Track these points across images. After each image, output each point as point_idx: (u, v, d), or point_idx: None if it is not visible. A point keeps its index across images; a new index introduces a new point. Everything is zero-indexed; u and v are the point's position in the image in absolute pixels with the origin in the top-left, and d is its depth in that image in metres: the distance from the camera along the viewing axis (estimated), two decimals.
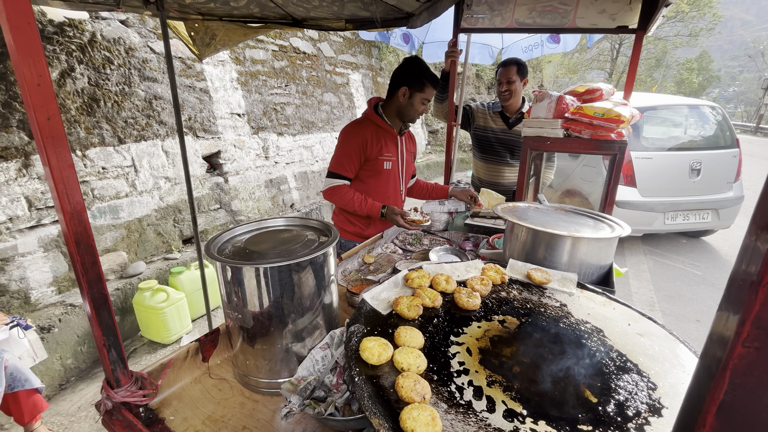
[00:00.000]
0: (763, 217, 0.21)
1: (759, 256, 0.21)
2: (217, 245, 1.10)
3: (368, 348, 0.72)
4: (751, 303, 0.21)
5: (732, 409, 0.23)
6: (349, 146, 1.91)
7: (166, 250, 3.48)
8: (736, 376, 0.22)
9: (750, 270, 0.21)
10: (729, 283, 0.23)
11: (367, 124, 1.95)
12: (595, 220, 1.39)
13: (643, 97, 5.15)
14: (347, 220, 2.15)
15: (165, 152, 3.49)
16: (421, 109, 1.92)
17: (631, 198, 4.34)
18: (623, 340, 0.83)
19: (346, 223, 2.15)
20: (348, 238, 2.16)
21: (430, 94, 1.89)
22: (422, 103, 1.90)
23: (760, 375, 0.22)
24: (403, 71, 1.89)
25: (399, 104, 1.92)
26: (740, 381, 0.22)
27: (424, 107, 1.92)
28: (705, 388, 0.24)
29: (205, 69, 3.98)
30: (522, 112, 2.61)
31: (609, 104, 1.73)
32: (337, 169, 1.93)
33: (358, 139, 1.91)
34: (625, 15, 2.05)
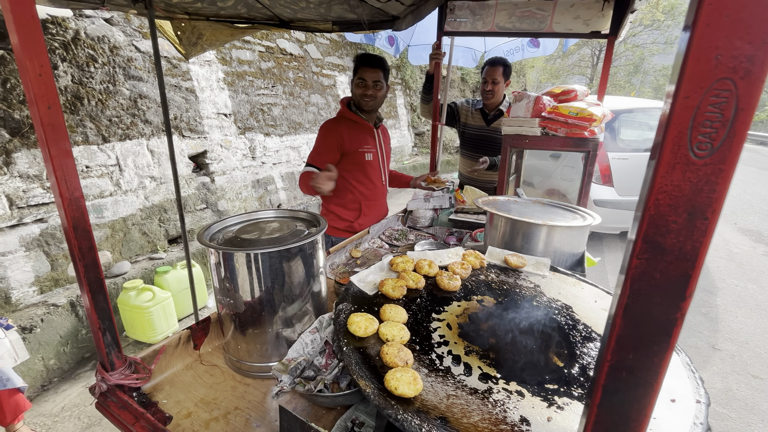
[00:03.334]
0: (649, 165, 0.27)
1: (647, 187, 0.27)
2: (209, 234, 1.14)
3: (355, 322, 0.77)
4: (641, 224, 0.28)
5: (633, 309, 0.29)
6: (326, 141, 2.01)
7: (151, 249, 3.45)
8: (634, 282, 0.29)
9: (641, 200, 0.28)
10: (633, 217, 0.29)
11: (343, 121, 2.05)
12: (569, 211, 1.48)
13: (620, 100, 5.36)
14: (337, 216, 2.20)
15: (150, 151, 3.47)
16: (359, 91, 1.99)
17: (608, 197, 4.51)
18: (589, 315, 0.90)
19: (336, 219, 2.20)
20: (337, 235, 2.21)
21: (363, 73, 1.96)
22: (357, 85, 1.98)
23: (650, 279, 0.28)
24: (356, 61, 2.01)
25: (354, 94, 2.03)
26: (637, 286, 0.29)
27: (362, 89, 1.98)
28: (615, 298, 0.30)
29: (191, 69, 3.97)
30: (501, 109, 2.72)
31: (583, 104, 1.84)
32: (311, 160, 2.00)
33: (335, 134, 2.00)
34: (598, 21, 2.17)
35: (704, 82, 0.23)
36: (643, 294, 0.29)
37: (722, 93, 0.23)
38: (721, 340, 3.01)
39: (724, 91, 0.23)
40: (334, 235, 2.22)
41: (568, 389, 0.68)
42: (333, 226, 2.20)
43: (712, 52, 0.23)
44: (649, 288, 0.28)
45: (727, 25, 0.22)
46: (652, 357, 0.29)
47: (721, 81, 0.23)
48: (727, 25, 0.22)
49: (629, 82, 28.91)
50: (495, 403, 0.63)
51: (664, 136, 0.25)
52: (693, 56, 0.23)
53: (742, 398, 2.41)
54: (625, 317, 0.30)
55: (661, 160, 0.26)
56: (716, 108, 0.24)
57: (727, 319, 3.30)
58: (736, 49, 0.22)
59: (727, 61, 0.23)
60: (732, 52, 0.22)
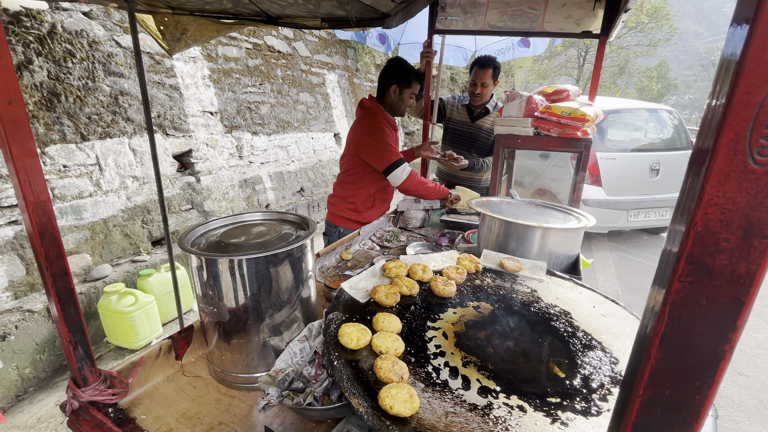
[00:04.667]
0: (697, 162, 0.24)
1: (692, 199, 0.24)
2: (191, 239, 1.08)
3: (347, 333, 0.73)
4: (685, 241, 0.24)
5: (671, 339, 0.26)
6: (385, 136, 2.06)
7: (133, 252, 3.34)
8: (674, 309, 0.25)
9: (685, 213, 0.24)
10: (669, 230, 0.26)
11: (380, 119, 2.10)
12: (563, 212, 1.46)
13: (607, 101, 5.41)
14: (351, 208, 2.24)
15: (132, 150, 3.35)
16: (409, 102, 2.15)
17: (597, 196, 4.55)
18: (589, 321, 0.88)
19: (349, 211, 2.24)
20: (349, 226, 2.24)
21: (416, 88, 2.12)
22: (410, 96, 2.13)
23: (693, 306, 0.25)
24: (391, 71, 2.11)
25: (391, 101, 2.13)
26: (677, 313, 0.25)
27: (412, 101, 2.15)
28: (649, 325, 0.27)
29: (175, 65, 3.86)
30: (487, 107, 2.72)
31: (575, 104, 1.82)
32: (393, 157, 2.03)
33: (386, 129, 2.08)
34: (589, 20, 2.16)
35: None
36: (685, 322, 0.25)
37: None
38: None
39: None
40: (344, 226, 2.26)
41: (570, 403, 0.64)
42: (345, 218, 2.26)
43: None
44: (693, 316, 0.25)
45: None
46: (693, 394, 0.26)
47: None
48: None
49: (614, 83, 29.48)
50: (496, 420, 0.59)
51: (717, 139, 0.22)
52: (757, 43, 0.19)
53: (729, 396, 2.45)
54: (661, 348, 0.26)
55: (712, 168, 0.22)
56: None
57: None
58: None
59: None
60: None
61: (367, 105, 2.15)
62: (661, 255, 0.28)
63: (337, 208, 2.30)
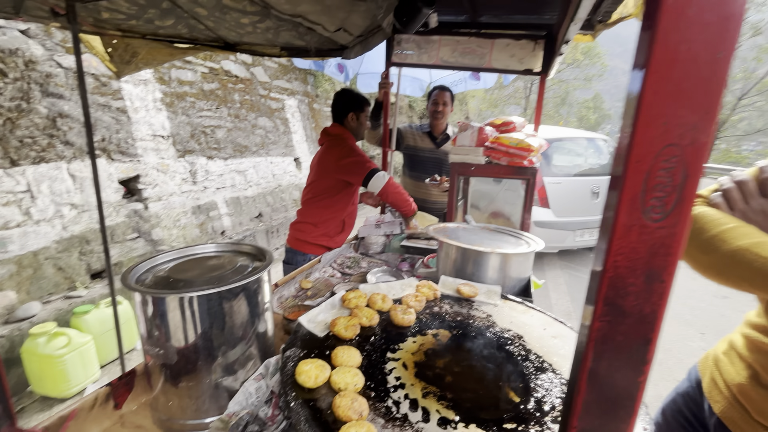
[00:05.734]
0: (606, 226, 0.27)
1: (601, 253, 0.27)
2: (135, 275, 1.01)
3: (304, 371, 0.71)
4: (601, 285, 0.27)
5: (597, 373, 0.29)
6: (359, 150, 2.22)
7: (68, 287, 3.04)
8: (597, 345, 0.28)
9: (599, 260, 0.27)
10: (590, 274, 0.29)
11: (351, 142, 2.26)
12: (515, 237, 1.54)
13: (551, 130, 5.88)
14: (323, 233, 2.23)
15: (71, 176, 3.11)
16: (366, 125, 2.36)
17: (546, 218, 4.85)
18: (540, 343, 0.92)
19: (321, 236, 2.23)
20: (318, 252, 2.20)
21: (368, 111, 2.35)
22: (367, 118, 2.35)
23: (612, 343, 0.28)
24: (344, 102, 2.27)
25: (351, 127, 2.29)
26: (600, 349, 0.28)
27: (368, 122, 2.38)
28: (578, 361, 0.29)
29: (123, 87, 3.69)
30: (447, 134, 2.92)
31: (521, 135, 1.97)
32: (372, 166, 2.15)
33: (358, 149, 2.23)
34: (530, 60, 2.38)
35: (654, 147, 0.24)
36: (606, 357, 0.28)
37: (671, 159, 0.24)
38: None
39: (673, 157, 0.24)
40: (313, 252, 2.23)
41: (525, 427, 0.67)
42: (318, 244, 2.24)
43: (660, 119, 0.23)
44: (612, 352, 0.28)
45: (672, 94, 0.23)
46: (618, 422, 0.29)
47: (670, 147, 0.24)
48: (673, 94, 0.23)
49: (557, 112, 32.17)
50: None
51: (620, 198, 0.25)
52: (642, 121, 0.23)
53: None
54: (590, 382, 0.29)
55: (617, 222, 0.26)
56: (666, 173, 0.24)
57: None
58: (681, 117, 0.23)
59: (674, 129, 0.23)
60: (678, 120, 0.23)
61: (335, 132, 2.25)
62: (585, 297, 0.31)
63: (306, 234, 2.27)
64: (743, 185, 0.79)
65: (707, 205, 0.84)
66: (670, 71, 0.22)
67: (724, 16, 0.21)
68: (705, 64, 0.22)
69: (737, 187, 0.79)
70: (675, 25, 0.21)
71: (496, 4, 2.19)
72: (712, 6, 0.20)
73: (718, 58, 0.21)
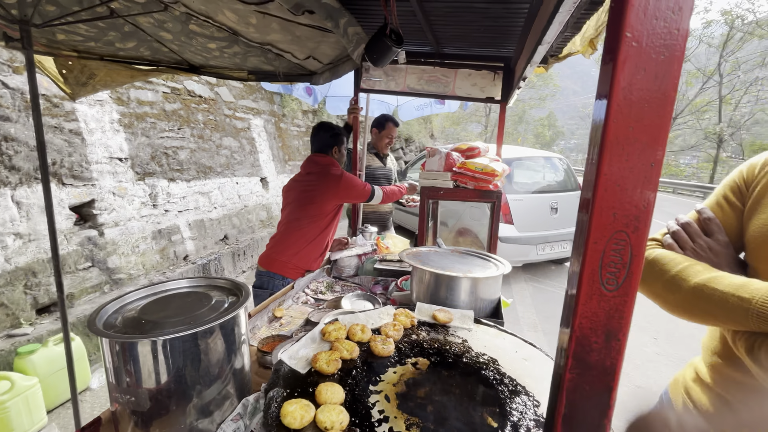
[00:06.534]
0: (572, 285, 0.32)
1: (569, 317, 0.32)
2: (102, 318, 0.96)
3: (290, 412, 0.71)
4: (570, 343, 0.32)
5: (570, 418, 0.33)
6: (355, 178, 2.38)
7: (11, 324, 2.78)
8: (569, 394, 0.33)
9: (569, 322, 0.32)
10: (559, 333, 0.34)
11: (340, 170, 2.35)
12: (483, 259, 1.62)
13: (511, 149, 6.20)
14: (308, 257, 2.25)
15: (16, 203, 2.89)
16: (344, 154, 2.48)
17: (510, 234, 5.07)
18: (513, 366, 0.97)
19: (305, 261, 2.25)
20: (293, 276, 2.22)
21: (345, 143, 2.49)
22: (345, 149, 2.49)
23: (582, 392, 0.33)
24: (327, 137, 2.37)
25: (335, 158, 2.41)
26: (572, 398, 0.33)
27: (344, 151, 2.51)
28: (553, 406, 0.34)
29: (77, 108, 3.51)
30: (387, 153, 3.44)
31: (486, 160, 2.08)
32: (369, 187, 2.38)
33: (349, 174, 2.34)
34: (491, 89, 2.54)
35: (607, 232, 0.29)
36: (578, 404, 0.32)
37: (620, 242, 0.29)
38: None
39: (621, 240, 0.29)
40: (290, 276, 2.24)
41: None
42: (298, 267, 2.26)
43: (610, 210, 0.29)
44: (582, 399, 0.32)
45: (618, 192, 0.28)
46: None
47: (619, 233, 0.29)
48: (618, 192, 0.28)
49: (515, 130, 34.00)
50: None
51: (581, 270, 0.30)
52: (597, 211, 0.29)
53: (631, 409, 2.78)
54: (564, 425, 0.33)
55: (581, 291, 0.31)
56: (617, 253, 0.29)
57: None
58: (626, 209, 0.28)
59: (621, 218, 0.29)
60: (624, 211, 0.29)
61: (326, 162, 2.33)
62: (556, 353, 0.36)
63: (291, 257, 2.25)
64: (688, 227, 0.88)
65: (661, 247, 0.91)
66: (615, 175, 0.28)
67: (654, 136, 0.27)
68: (641, 170, 0.28)
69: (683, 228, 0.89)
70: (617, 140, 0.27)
71: (457, 38, 2.34)
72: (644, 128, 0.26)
73: (651, 167, 0.27)
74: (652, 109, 0.26)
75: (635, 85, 0.26)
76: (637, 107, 0.26)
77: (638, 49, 0.26)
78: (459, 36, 2.30)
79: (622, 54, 0.26)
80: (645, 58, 0.26)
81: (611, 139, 0.27)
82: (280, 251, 2.25)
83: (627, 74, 0.26)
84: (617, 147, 0.27)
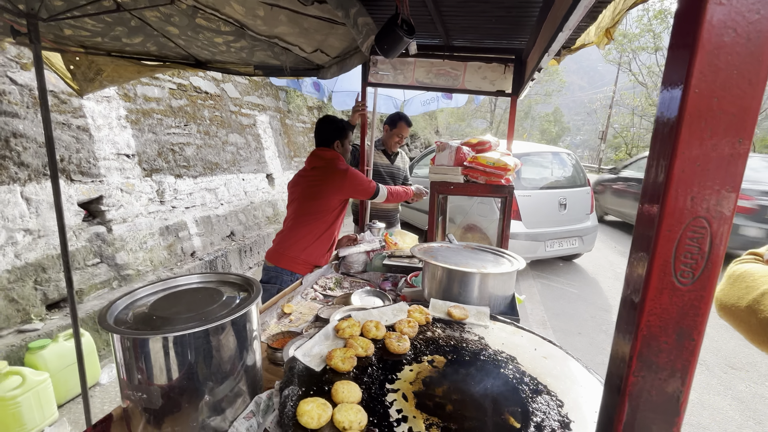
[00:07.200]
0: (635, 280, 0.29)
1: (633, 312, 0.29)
2: (113, 313, 0.95)
3: (306, 412, 0.69)
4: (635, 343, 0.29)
5: (632, 426, 0.30)
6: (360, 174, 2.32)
7: (21, 320, 2.79)
8: (632, 399, 0.30)
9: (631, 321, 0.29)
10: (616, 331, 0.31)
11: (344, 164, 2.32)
12: (496, 255, 1.58)
13: (519, 145, 6.13)
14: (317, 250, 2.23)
15: (26, 199, 2.90)
16: (349, 149, 2.45)
17: (518, 230, 5.01)
18: (533, 364, 0.94)
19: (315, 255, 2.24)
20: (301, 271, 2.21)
21: (351, 137, 2.42)
22: (350, 144, 2.44)
23: (647, 397, 0.30)
24: (329, 132, 2.33)
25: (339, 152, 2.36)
26: (635, 403, 0.30)
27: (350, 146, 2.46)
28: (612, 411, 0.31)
29: (84, 105, 3.51)
30: (396, 151, 3.37)
31: (497, 154, 2.04)
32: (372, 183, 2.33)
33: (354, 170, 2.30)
34: (502, 82, 2.49)
35: (683, 218, 0.26)
36: (641, 411, 0.30)
37: (698, 230, 0.26)
38: None
39: (700, 228, 0.26)
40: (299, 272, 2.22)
41: None
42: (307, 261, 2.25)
43: (687, 194, 0.26)
44: (647, 405, 0.29)
45: (698, 173, 0.25)
46: None
47: (697, 219, 0.26)
48: (699, 173, 0.25)
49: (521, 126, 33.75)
50: None
51: (651, 262, 0.27)
52: (672, 194, 0.26)
53: None
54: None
55: (649, 285, 0.28)
56: (694, 242, 0.26)
57: None
58: (707, 193, 0.25)
59: (700, 203, 0.26)
60: (704, 195, 0.25)
61: (330, 156, 2.29)
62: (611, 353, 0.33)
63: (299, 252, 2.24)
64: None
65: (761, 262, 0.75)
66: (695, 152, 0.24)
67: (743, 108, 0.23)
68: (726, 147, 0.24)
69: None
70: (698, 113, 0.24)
71: (467, 30, 2.29)
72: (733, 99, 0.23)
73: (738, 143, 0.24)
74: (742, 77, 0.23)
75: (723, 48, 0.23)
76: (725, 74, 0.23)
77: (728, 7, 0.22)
78: (470, 27, 2.25)
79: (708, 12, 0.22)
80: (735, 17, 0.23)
81: (692, 112, 0.23)
82: (288, 246, 2.23)
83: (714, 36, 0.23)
84: (699, 121, 0.24)
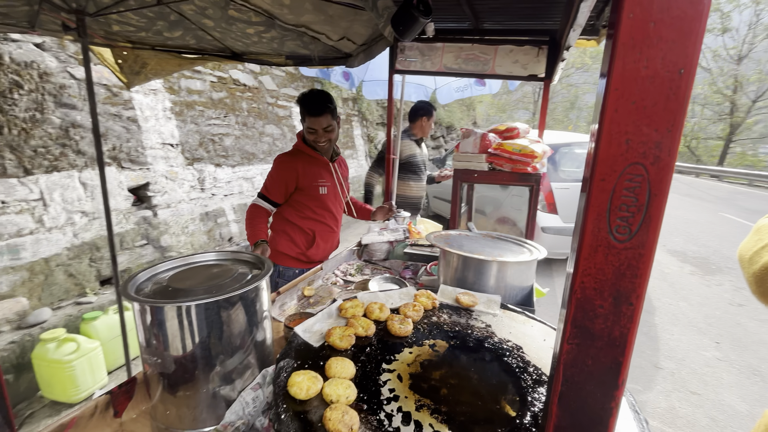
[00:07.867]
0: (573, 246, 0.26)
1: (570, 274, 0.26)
2: (135, 284, 1.02)
3: (296, 383, 0.71)
4: (569, 307, 0.26)
5: (567, 398, 0.28)
6: (280, 175, 2.01)
7: (78, 293, 3.09)
8: (567, 369, 0.27)
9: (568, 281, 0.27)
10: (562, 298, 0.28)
11: (299, 155, 2.05)
12: (517, 245, 1.52)
13: (558, 135, 5.82)
14: (290, 241, 2.13)
15: (83, 184, 3.18)
16: (311, 137, 1.96)
17: (554, 224, 4.79)
18: (539, 355, 0.90)
19: (288, 245, 2.13)
20: (288, 264, 2.15)
21: (311, 123, 1.91)
22: (309, 132, 1.95)
23: (582, 366, 0.27)
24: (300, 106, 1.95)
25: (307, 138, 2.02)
26: (570, 373, 0.27)
27: (314, 136, 1.96)
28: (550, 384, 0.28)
29: (134, 97, 3.77)
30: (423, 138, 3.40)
31: (525, 141, 1.95)
32: (264, 191, 2.05)
33: (289, 169, 2.00)
34: (534, 66, 2.36)
35: (618, 166, 0.23)
36: (577, 381, 0.27)
37: (635, 177, 0.23)
38: (661, 359, 3.19)
39: (637, 176, 0.23)
40: (283, 264, 2.16)
41: None
42: (283, 253, 2.15)
43: (622, 137, 0.22)
44: (582, 375, 0.27)
45: (633, 112, 0.22)
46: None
47: (633, 165, 0.23)
48: (634, 112, 0.22)
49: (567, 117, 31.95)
50: None
51: (584, 217, 0.24)
52: (605, 139, 0.23)
53: (684, 415, 2.54)
54: (560, 406, 0.27)
55: (583, 242, 0.25)
56: (631, 192, 0.23)
57: (665, 338, 3.53)
58: (644, 135, 0.22)
59: (637, 147, 0.22)
60: (641, 138, 0.22)
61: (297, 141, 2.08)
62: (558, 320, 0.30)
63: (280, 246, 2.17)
64: None
65: None
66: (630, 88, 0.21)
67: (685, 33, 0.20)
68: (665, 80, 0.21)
69: None
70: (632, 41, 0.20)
71: (498, 11, 2.19)
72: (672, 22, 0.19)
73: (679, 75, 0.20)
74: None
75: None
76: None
77: None
78: (500, 8, 2.15)
79: None
80: None
81: (625, 41, 0.20)
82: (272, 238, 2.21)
83: None
84: (633, 51, 0.20)
